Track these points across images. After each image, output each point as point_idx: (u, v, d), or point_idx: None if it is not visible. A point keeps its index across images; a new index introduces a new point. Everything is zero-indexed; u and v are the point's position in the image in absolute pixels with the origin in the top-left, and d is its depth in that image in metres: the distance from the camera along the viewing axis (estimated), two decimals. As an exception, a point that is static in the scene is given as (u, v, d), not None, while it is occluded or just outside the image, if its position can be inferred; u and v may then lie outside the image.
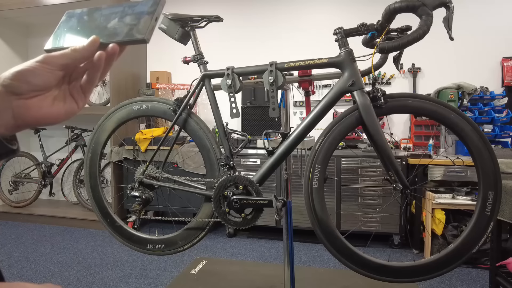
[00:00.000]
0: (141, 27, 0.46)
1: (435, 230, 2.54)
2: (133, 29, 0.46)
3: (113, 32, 0.47)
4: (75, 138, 3.66)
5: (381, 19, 1.09)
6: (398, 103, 1.16)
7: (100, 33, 0.47)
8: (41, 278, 2.32)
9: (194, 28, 1.32)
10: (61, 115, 0.45)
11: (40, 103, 0.42)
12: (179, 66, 3.68)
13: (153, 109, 1.37)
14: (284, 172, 1.50)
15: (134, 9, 0.49)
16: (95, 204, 1.46)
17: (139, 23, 0.47)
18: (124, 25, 0.47)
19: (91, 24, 0.49)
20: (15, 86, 0.40)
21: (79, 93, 0.47)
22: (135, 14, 0.48)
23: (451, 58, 3.19)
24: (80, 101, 0.47)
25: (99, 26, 0.48)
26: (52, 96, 0.44)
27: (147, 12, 0.48)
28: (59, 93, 0.45)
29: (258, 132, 3.10)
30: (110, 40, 0.46)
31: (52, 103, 0.44)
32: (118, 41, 0.46)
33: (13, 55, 4.08)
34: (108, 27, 0.48)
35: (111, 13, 0.49)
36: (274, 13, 3.62)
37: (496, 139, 2.86)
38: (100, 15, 0.50)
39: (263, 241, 3.04)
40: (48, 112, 0.43)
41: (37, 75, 0.41)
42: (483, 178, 1.11)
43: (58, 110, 0.44)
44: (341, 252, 1.20)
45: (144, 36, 0.46)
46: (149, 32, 0.46)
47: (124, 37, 0.46)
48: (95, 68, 0.46)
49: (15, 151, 0.42)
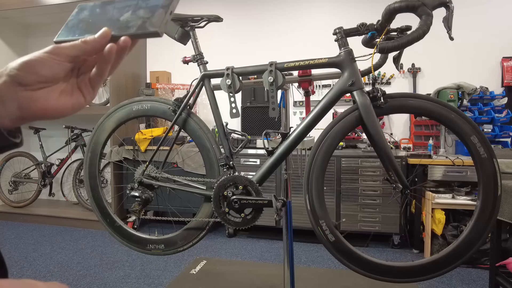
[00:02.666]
0: (155, 20, 0.45)
1: (435, 230, 2.54)
2: (146, 22, 0.46)
3: (126, 25, 0.46)
4: (75, 138, 3.66)
5: (381, 19, 1.09)
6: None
7: (112, 26, 0.46)
8: (40, 278, 2.32)
9: (194, 28, 1.32)
10: (68, 109, 0.44)
11: (47, 95, 0.41)
12: (179, 66, 3.68)
13: (152, 109, 1.37)
14: (284, 172, 1.50)
15: (148, 3, 0.48)
16: (94, 204, 1.46)
17: (153, 16, 0.46)
18: (137, 18, 0.46)
19: (103, 16, 0.48)
20: (22, 76, 0.39)
21: (87, 86, 0.46)
22: (149, 7, 0.47)
23: (451, 58, 3.19)
24: (88, 95, 0.46)
25: (111, 19, 0.47)
26: (60, 89, 0.43)
27: (161, 5, 0.47)
28: (66, 86, 0.44)
29: (258, 132, 3.10)
30: (122, 32, 0.45)
31: (59, 96, 0.43)
32: (130, 34, 0.45)
33: (12, 55, 4.08)
34: (121, 20, 0.47)
35: (124, 6, 0.48)
36: (274, 13, 3.61)
37: (496, 139, 2.86)
38: (113, 8, 0.49)
39: (263, 241, 3.03)
40: (54, 105, 0.42)
41: (45, 66, 0.40)
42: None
43: (65, 103, 0.43)
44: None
45: (157, 29, 0.45)
46: (163, 26, 0.45)
47: (137, 30, 0.45)
48: (105, 61, 0.45)
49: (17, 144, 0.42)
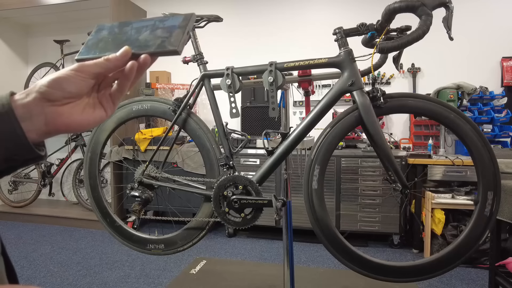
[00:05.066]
0: (173, 40, 0.48)
1: (434, 230, 2.54)
2: (165, 41, 0.48)
3: (145, 43, 0.48)
4: (75, 138, 3.66)
5: (381, 19, 1.09)
6: (397, 103, 1.16)
7: (131, 44, 0.48)
8: (40, 278, 2.32)
9: (194, 28, 1.32)
10: (90, 122, 0.47)
11: (72, 110, 0.44)
12: (179, 66, 3.66)
13: (152, 109, 1.37)
14: (284, 172, 1.50)
15: (165, 23, 0.51)
16: (94, 204, 1.46)
17: (171, 36, 0.48)
18: (156, 38, 0.49)
19: (122, 36, 0.51)
20: (50, 92, 0.42)
21: (108, 101, 0.49)
22: (167, 28, 0.50)
23: (451, 58, 3.20)
24: (109, 109, 0.49)
25: (130, 38, 0.50)
26: (83, 104, 0.46)
27: (178, 26, 0.50)
28: (89, 100, 0.47)
29: (258, 132, 3.10)
30: (141, 51, 0.48)
31: (82, 110, 0.46)
32: (150, 52, 0.47)
33: (12, 55, 4.07)
34: (140, 39, 0.49)
35: (142, 27, 0.51)
36: (274, 13, 3.62)
37: (496, 139, 2.86)
38: (131, 28, 0.52)
39: (263, 241, 3.04)
40: (78, 119, 0.45)
41: (71, 82, 0.43)
42: (482, 178, 1.11)
43: (88, 117, 0.46)
44: (340, 252, 1.20)
45: (177, 48, 0.47)
46: (181, 44, 0.48)
47: (156, 49, 0.48)
48: (126, 78, 0.48)
49: (43, 157, 0.44)
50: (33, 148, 0.41)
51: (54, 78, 0.42)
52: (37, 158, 0.43)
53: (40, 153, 0.42)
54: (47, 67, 3.87)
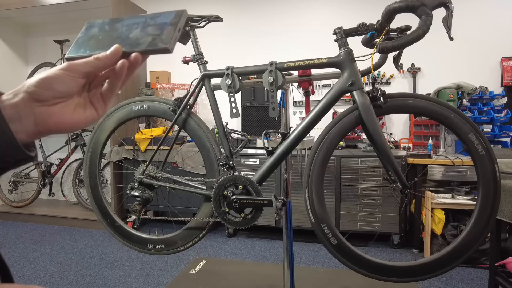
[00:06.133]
0: (164, 37, 0.47)
1: (434, 229, 2.54)
2: (156, 38, 0.47)
3: (136, 41, 0.47)
4: (75, 138, 3.66)
5: (381, 19, 1.09)
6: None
7: (122, 42, 0.47)
8: (40, 278, 2.32)
9: (194, 28, 1.32)
10: (82, 122, 0.46)
11: (62, 110, 0.43)
12: (179, 66, 3.66)
13: (152, 109, 1.37)
14: (284, 172, 1.50)
15: (157, 20, 0.49)
16: (94, 204, 1.46)
17: (162, 33, 0.47)
18: (147, 35, 0.48)
19: (113, 33, 0.50)
20: (39, 93, 0.41)
21: (99, 101, 0.48)
22: (158, 25, 0.49)
23: (451, 58, 3.20)
24: (100, 108, 0.48)
25: (120, 36, 0.49)
26: (74, 104, 0.45)
27: (170, 23, 0.48)
28: (80, 100, 0.46)
29: (258, 132, 3.10)
30: (132, 49, 0.47)
31: (73, 110, 0.45)
32: (141, 50, 0.46)
33: (12, 55, 4.07)
34: (130, 36, 0.48)
35: (133, 24, 0.50)
36: (274, 13, 3.62)
37: (496, 139, 2.86)
38: (122, 25, 0.50)
39: (263, 241, 3.04)
40: (69, 119, 0.44)
41: (61, 82, 0.42)
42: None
43: (79, 117, 0.45)
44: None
45: (168, 46, 0.46)
46: (172, 42, 0.46)
47: (148, 47, 0.47)
48: (117, 77, 0.47)
49: (33, 158, 0.43)
50: (23, 149, 0.40)
51: (43, 78, 0.41)
52: (28, 159, 0.42)
53: (30, 154, 0.42)
54: (47, 67, 3.86)
